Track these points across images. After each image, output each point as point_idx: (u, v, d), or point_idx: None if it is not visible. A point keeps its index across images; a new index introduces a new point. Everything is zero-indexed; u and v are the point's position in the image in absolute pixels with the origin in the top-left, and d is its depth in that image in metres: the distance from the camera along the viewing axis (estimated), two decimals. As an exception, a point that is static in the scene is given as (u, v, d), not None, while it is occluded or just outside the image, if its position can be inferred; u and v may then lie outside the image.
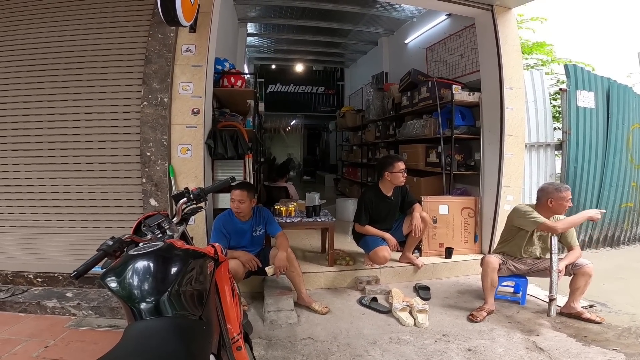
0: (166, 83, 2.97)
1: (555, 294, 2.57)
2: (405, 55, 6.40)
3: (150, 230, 1.35)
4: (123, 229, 2.85)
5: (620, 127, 4.54)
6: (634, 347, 2.29)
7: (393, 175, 3.27)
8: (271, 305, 2.74)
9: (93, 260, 1.13)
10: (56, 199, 3.09)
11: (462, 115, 4.18)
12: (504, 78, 3.58)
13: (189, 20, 2.63)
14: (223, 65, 3.65)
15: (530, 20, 6.26)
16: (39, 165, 3.08)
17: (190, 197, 1.53)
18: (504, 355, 2.21)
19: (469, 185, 4.32)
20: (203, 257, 1.19)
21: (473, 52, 4.26)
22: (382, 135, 6.24)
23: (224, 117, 3.66)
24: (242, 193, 2.70)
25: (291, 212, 3.50)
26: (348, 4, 5.57)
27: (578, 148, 4.33)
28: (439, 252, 3.76)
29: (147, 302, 0.98)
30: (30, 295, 2.88)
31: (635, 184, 4.84)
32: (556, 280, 2.58)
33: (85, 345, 2.33)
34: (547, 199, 2.73)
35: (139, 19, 3.07)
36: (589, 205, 4.45)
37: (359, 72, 9.36)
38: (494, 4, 3.56)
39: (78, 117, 3.05)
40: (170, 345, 0.90)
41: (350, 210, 5.25)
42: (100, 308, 2.72)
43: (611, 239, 4.76)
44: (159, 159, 2.98)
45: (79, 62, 3.05)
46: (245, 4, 5.81)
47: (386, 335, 2.46)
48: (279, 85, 11.27)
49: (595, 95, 4.40)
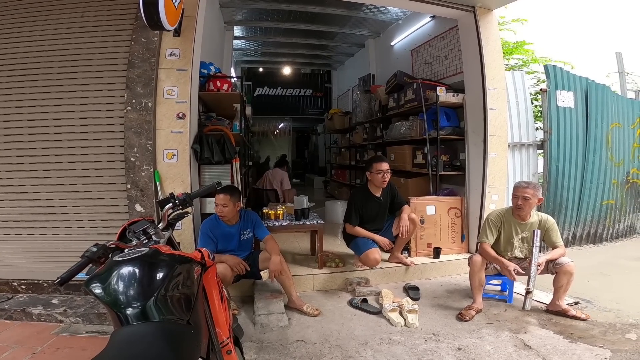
0: (150, 87, 2.94)
1: (532, 287, 2.61)
2: (391, 57, 6.47)
3: (136, 236, 1.34)
4: (108, 235, 2.79)
5: (599, 126, 4.66)
6: (620, 343, 2.33)
7: (372, 176, 3.31)
8: (262, 309, 2.72)
9: (77, 266, 1.11)
10: (39, 206, 3.02)
11: (447, 116, 4.24)
12: (486, 79, 3.65)
13: (173, 24, 2.60)
14: (209, 69, 3.64)
15: (511, 22, 6.39)
16: (20, 172, 3.00)
17: (176, 202, 1.51)
18: (493, 353, 2.24)
19: (455, 186, 4.38)
20: (189, 262, 1.18)
21: (457, 53, 4.33)
22: (370, 137, 6.29)
23: (211, 121, 3.64)
24: (225, 197, 2.69)
25: (280, 216, 3.50)
26: (334, 7, 5.60)
27: (559, 147, 4.43)
28: (428, 252, 3.80)
29: (133, 307, 0.97)
30: (15, 303, 2.82)
31: (616, 181, 4.98)
32: (534, 274, 2.61)
33: (73, 351, 2.30)
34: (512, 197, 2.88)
35: (121, 23, 3.03)
36: (571, 202, 4.57)
37: (347, 74, 9.42)
38: (476, 6, 3.63)
39: (59, 122, 2.99)
40: (157, 350, 0.90)
41: (339, 212, 5.26)
42: (87, 314, 2.68)
43: (594, 236, 4.88)
44: (144, 165, 2.94)
45: (60, 67, 3.00)
46: (231, 7, 5.79)
47: (377, 336, 2.47)
48: (266, 88, 11.23)
49: (575, 95, 4.51)
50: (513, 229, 2.87)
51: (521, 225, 2.86)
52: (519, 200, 2.76)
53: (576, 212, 4.65)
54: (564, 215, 4.56)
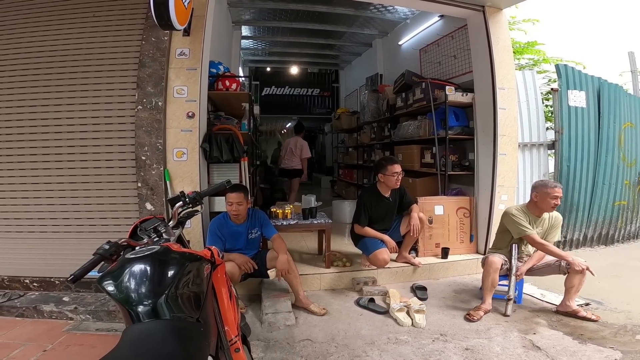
0: (160, 87, 2.96)
1: (512, 295, 2.77)
2: (399, 56, 6.44)
3: (147, 234, 1.35)
4: (119, 233, 2.83)
5: (611, 125, 4.59)
6: (630, 345, 2.30)
7: (386, 178, 3.30)
8: (269, 308, 2.73)
9: (89, 264, 1.13)
10: (51, 203, 3.07)
11: (456, 115, 4.21)
12: (496, 78, 3.62)
13: (183, 24, 2.63)
14: (217, 69, 3.65)
15: (523, 22, 6.33)
16: (33, 170, 3.06)
17: (186, 200, 1.53)
18: (501, 354, 2.23)
19: (463, 186, 4.34)
20: (199, 260, 1.19)
21: (466, 53, 4.30)
22: (378, 137, 6.26)
23: (219, 121, 3.66)
24: (239, 195, 2.71)
25: (287, 215, 3.51)
26: (342, 7, 5.59)
27: (571, 147, 4.38)
28: (436, 252, 3.78)
29: (145, 304, 0.98)
30: (27, 300, 2.86)
31: (628, 182, 4.90)
32: (514, 283, 2.79)
33: (84, 349, 2.32)
34: (533, 193, 2.84)
35: (132, 22, 3.06)
36: (582, 203, 4.50)
37: (354, 73, 9.39)
38: (485, 5, 3.60)
39: (72, 121, 3.04)
40: (167, 347, 0.91)
41: (346, 211, 5.26)
42: (97, 312, 2.71)
43: (605, 237, 4.81)
44: (154, 163, 2.97)
45: (72, 67, 3.04)
46: (239, 7, 5.82)
47: (384, 336, 2.47)
48: (274, 88, 11.25)
49: (587, 95, 4.45)
50: (531, 226, 2.85)
51: (537, 220, 2.88)
52: (558, 201, 2.75)
53: (587, 213, 4.59)
54: (575, 216, 4.50)
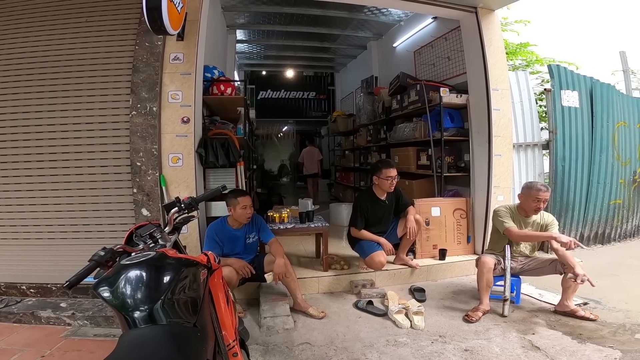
0: (155, 92, 2.96)
1: (508, 295, 2.77)
2: (394, 58, 6.47)
3: (142, 240, 1.35)
4: (115, 239, 2.80)
5: (605, 125, 4.62)
6: (629, 343, 2.30)
7: (380, 181, 3.30)
8: (267, 312, 2.72)
9: (85, 270, 1.12)
10: (47, 210, 3.05)
11: (451, 117, 4.23)
12: (489, 79, 3.64)
13: (176, 29, 2.63)
14: (212, 73, 3.65)
15: (515, 22, 6.38)
16: (28, 177, 3.04)
17: (182, 206, 1.53)
18: (500, 355, 2.23)
19: (460, 187, 4.36)
20: (196, 265, 1.19)
21: (459, 54, 4.32)
22: (374, 139, 6.28)
23: (215, 125, 3.66)
24: (247, 198, 2.75)
25: (284, 218, 3.50)
26: (336, 9, 5.61)
27: (565, 147, 4.40)
28: (433, 253, 3.78)
29: (141, 310, 0.98)
30: (24, 306, 2.85)
31: (623, 180, 4.93)
32: (509, 283, 2.80)
33: (82, 354, 2.31)
34: (519, 194, 2.89)
35: (125, 27, 3.06)
36: (578, 202, 4.53)
37: (349, 76, 9.42)
38: (478, 6, 3.63)
39: (66, 127, 3.03)
40: (164, 352, 0.90)
41: (344, 214, 5.26)
42: (95, 317, 2.70)
43: (602, 236, 4.83)
44: (149, 169, 2.96)
45: (65, 73, 3.03)
46: (233, 11, 5.82)
47: (383, 338, 2.46)
48: (269, 92, 11.26)
49: (579, 95, 4.48)
50: (518, 225, 2.86)
51: (525, 221, 2.89)
52: (541, 204, 2.77)
53: (583, 212, 4.61)
54: (570, 215, 4.52)
